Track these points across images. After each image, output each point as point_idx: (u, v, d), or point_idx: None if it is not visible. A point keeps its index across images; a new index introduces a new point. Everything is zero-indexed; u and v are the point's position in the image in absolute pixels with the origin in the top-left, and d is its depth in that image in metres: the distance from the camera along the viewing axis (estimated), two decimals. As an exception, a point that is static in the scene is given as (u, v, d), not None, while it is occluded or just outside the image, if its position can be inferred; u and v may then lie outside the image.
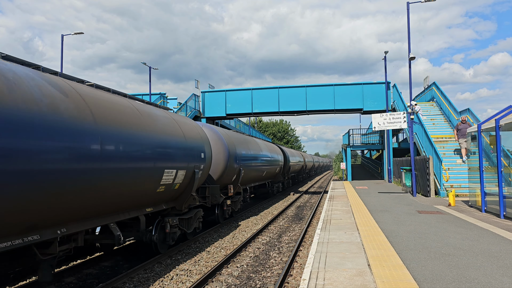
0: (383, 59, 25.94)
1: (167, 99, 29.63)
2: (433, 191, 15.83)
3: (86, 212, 5.87)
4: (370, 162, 39.57)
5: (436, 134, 20.78)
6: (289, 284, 7.07)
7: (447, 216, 10.64)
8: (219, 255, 9.35)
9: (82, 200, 5.54)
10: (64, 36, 24.32)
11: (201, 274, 7.66)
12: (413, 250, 6.73)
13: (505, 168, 10.23)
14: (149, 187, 7.43)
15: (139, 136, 6.89)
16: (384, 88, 25.23)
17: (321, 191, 29.21)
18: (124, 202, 6.79)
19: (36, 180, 4.59)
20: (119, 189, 6.36)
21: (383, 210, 12.00)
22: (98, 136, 5.67)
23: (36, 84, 4.93)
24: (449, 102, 23.21)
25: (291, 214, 16.79)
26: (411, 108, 17.86)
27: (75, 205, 5.45)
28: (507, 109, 10.04)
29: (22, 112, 4.43)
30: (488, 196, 11.12)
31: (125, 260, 8.86)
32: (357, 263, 5.99)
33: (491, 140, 11.09)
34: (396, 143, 32.16)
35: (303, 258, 8.88)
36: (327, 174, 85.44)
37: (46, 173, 4.72)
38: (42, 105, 4.79)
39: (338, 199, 15.35)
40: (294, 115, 27.65)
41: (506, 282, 4.96)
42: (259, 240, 11.15)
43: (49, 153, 4.76)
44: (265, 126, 78.75)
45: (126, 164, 6.40)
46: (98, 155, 5.65)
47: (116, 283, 6.89)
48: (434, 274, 5.33)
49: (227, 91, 27.22)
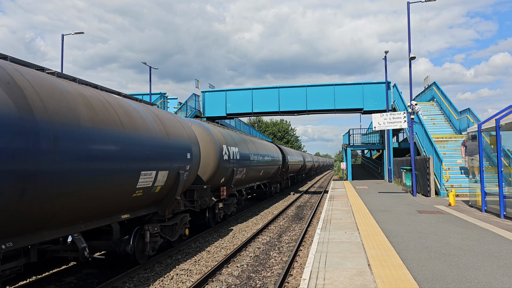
0: (383, 59, 25.95)
1: (167, 99, 29.64)
2: (433, 191, 15.83)
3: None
4: (370, 162, 39.58)
5: (436, 134, 20.79)
6: (289, 284, 7.07)
7: (447, 216, 10.63)
8: (219, 254, 9.35)
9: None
10: (65, 36, 24.36)
11: (201, 274, 7.66)
12: (413, 250, 6.72)
13: (505, 168, 10.22)
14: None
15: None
16: (385, 88, 25.23)
17: (321, 191, 29.21)
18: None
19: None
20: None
21: (383, 210, 11.99)
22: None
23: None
24: (449, 102, 23.22)
25: (291, 214, 16.79)
26: (412, 108, 17.87)
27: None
28: (508, 109, 10.03)
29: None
30: (488, 196, 11.12)
31: (125, 260, 8.86)
32: (357, 263, 5.99)
33: (492, 140, 11.09)
34: (397, 143, 32.16)
35: (303, 258, 8.88)
36: (328, 174, 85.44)
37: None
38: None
39: (338, 199, 15.35)
40: (294, 115, 27.66)
41: (507, 282, 4.96)
42: (259, 240, 11.15)
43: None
44: (265, 126, 78.77)
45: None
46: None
47: (116, 282, 6.90)
48: (434, 274, 5.33)
49: (227, 91, 27.23)
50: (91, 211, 6.01)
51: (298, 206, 19.83)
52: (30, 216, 4.78)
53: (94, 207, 5.98)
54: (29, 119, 4.52)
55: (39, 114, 4.69)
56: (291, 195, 26.15)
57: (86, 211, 5.87)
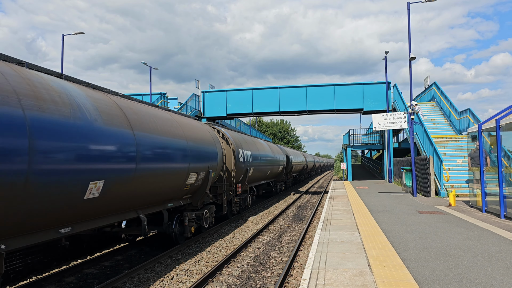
0: (384, 59, 25.94)
1: (167, 99, 29.64)
2: (433, 191, 15.83)
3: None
4: (371, 162, 39.55)
5: (436, 134, 20.79)
6: (289, 284, 7.07)
7: (447, 216, 10.63)
8: (220, 255, 9.35)
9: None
10: (66, 36, 24.36)
11: (202, 274, 7.66)
12: (414, 250, 6.72)
13: (505, 168, 10.22)
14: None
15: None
16: (385, 88, 25.22)
17: (322, 191, 29.21)
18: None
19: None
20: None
21: (383, 210, 11.99)
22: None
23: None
24: (449, 102, 23.21)
25: (291, 214, 16.79)
26: (412, 108, 17.86)
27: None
28: (508, 109, 10.02)
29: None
30: (488, 196, 11.12)
31: (125, 260, 8.87)
32: (357, 263, 5.99)
33: (492, 140, 11.09)
34: (397, 143, 32.13)
35: (304, 258, 8.88)
36: (328, 174, 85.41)
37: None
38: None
39: (338, 199, 15.35)
40: (294, 115, 27.65)
41: (507, 283, 4.96)
42: (260, 240, 11.15)
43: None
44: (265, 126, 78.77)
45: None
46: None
47: (116, 282, 6.89)
48: (434, 274, 5.33)
49: (228, 91, 27.22)
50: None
51: (298, 207, 19.83)
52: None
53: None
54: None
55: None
56: (291, 195, 26.15)
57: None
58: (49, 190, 4.76)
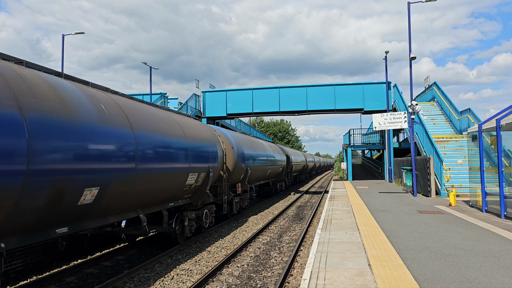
0: (384, 59, 25.94)
1: (167, 99, 29.65)
2: (433, 191, 15.82)
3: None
4: (371, 162, 39.54)
5: (436, 134, 20.77)
6: (289, 284, 7.07)
7: (447, 216, 10.63)
8: (220, 255, 9.35)
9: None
10: (69, 36, 24.42)
11: (202, 274, 7.66)
12: (414, 250, 6.72)
13: (505, 168, 10.22)
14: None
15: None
16: (385, 88, 25.22)
17: (322, 191, 29.20)
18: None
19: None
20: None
21: (383, 210, 11.99)
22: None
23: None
24: (449, 102, 23.19)
25: (291, 214, 16.79)
26: (412, 108, 17.85)
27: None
28: (508, 109, 10.02)
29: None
30: (488, 196, 11.11)
31: (125, 260, 8.87)
32: (357, 263, 5.99)
33: (492, 140, 11.08)
34: (397, 143, 32.13)
35: (304, 258, 8.87)
36: (328, 174, 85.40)
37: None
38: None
39: (338, 199, 15.34)
40: (294, 115, 27.65)
41: (507, 282, 4.95)
42: (260, 239, 11.15)
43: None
44: (266, 126, 78.78)
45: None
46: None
47: (116, 282, 6.89)
48: (434, 274, 5.33)
49: (228, 91, 27.22)
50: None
51: (299, 206, 19.83)
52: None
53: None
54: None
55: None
56: (291, 195, 26.15)
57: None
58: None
